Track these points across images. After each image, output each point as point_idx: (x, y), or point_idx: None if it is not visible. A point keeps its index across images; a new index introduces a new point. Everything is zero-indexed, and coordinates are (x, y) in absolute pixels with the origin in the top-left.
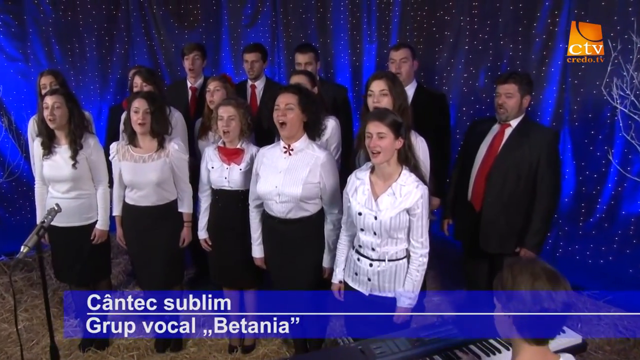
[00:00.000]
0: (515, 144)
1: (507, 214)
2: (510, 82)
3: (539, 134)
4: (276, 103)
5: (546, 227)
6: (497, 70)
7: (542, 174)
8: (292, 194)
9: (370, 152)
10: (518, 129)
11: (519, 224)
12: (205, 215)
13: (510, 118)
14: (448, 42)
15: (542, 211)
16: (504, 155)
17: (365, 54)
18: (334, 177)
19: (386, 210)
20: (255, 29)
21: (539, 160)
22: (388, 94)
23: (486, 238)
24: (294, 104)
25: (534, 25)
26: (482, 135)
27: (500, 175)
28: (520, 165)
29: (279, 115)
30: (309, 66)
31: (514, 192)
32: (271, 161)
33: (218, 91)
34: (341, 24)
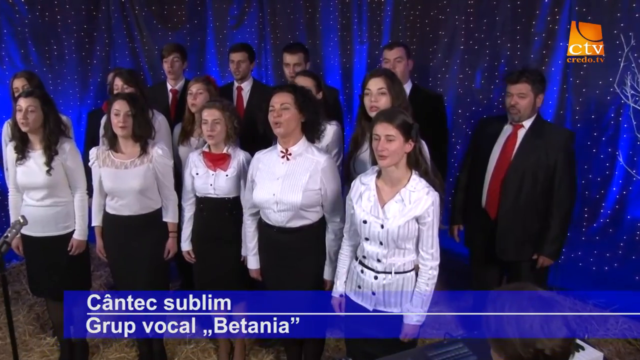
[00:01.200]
0: (531, 146)
1: (523, 220)
2: (522, 82)
3: (554, 134)
4: (271, 104)
5: (565, 233)
6: (494, 71)
7: (560, 177)
8: (291, 202)
9: (377, 155)
10: (532, 130)
11: (535, 229)
12: (189, 225)
13: (523, 119)
14: (442, 42)
15: (560, 216)
16: (520, 159)
17: (356, 55)
18: (335, 182)
19: (394, 218)
20: (241, 30)
21: (556, 162)
22: (387, 93)
23: (503, 246)
24: (290, 103)
25: (533, 24)
26: (493, 137)
27: (516, 179)
28: (536, 168)
29: (275, 116)
30: (298, 67)
31: (531, 196)
32: (268, 167)
33: (201, 94)
34: (331, 25)
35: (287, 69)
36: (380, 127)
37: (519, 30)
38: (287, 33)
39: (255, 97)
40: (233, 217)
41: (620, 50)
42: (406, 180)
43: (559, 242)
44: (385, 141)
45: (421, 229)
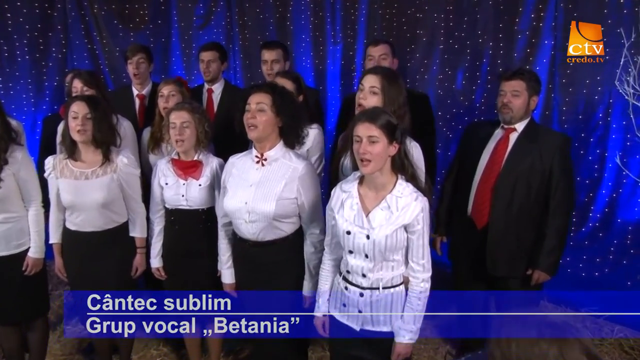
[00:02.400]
0: (524, 150)
1: (516, 231)
2: (517, 79)
3: (549, 138)
4: (247, 102)
5: (562, 243)
6: (476, 71)
7: (555, 183)
8: (263, 211)
9: (359, 159)
10: (525, 134)
11: (529, 241)
12: (159, 240)
13: (515, 120)
14: (421, 42)
15: (556, 226)
16: (512, 164)
17: (329, 56)
18: (314, 191)
19: (380, 227)
20: (208, 30)
21: (551, 168)
22: (378, 94)
23: (493, 259)
24: (267, 104)
25: (516, 21)
26: (482, 142)
27: (508, 186)
28: (530, 174)
29: (249, 118)
30: (277, 64)
31: (524, 205)
32: (241, 172)
33: (174, 96)
34: (302, 24)
35: (265, 67)
36: (361, 128)
37: (502, 28)
38: (256, 33)
39: (226, 99)
40: (207, 230)
41: (608, 48)
42: (391, 186)
43: (556, 254)
44: (367, 143)
45: (410, 239)
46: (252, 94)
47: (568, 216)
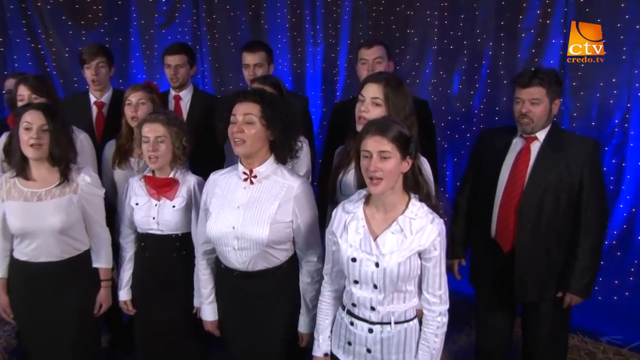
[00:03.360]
0: (549, 161)
1: (546, 251)
2: (535, 85)
3: (577, 146)
4: (233, 113)
5: (596, 263)
6: (475, 74)
7: (587, 196)
8: (255, 237)
9: (368, 177)
10: (549, 142)
11: (560, 261)
12: (129, 268)
13: (537, 129)
14: (412, 42)
15: (590, 244)
16: (537, 178)
17: (309, 58)
18: (311, 213)
19: (391, 253)
20: (172, 29)
21: (581, 180)
22: (382, 105)
23: (523, 285)
24: (256, 116)
25: (520, 18)
26: (499, 153)
27: (534, 203)
28: (558, 188)
29: (236, 132)
30: (260, 69)
31: (553, 222)
32: (226, 192)
33: (143, 104)
34: (278, 23)
35: (247, 71)
36: (371, 142)
37: (504, 26)
38: (226, 33)
39: (197, 107)
40: (182, 258)
41: (625, 47)
42: (403, 206)
43: (590, 274)
44: (378, 159)
45: (426, 266)
46: (237, 103)
47: (602, 233)
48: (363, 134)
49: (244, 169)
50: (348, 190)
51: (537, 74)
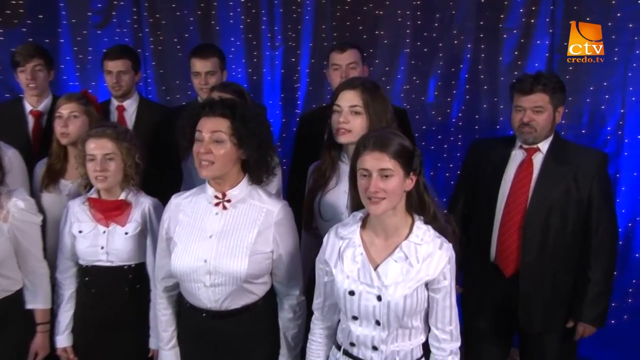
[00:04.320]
0: (554, 175)
1: (553, 275)
2: (538, 91)
3: (583, 158)
4: (198, 129)
5: (610, 287)
6: (452, 79)
7: (597, 213)
8: (232, 271)
9: (368, 197)
10: (553, 154)
11: (569, 286)
12: (69, 309)
13: (539, 140)
14: (382, 45)
15: (602, 267)
16: (541, 194)
17: (266, 63)
18: (293, 241)
19: (395, 285)
20: (109, 30)
21: (589, 195)
22: (362, 113)
23: (528, 314)
24: (225, 133)
25: (501, 17)
26: (497, 167)
27: (539, 222)
28: (565, 204)
29: (202, 153)
30: (212, 77)
31: (560, 243)
32: (194, 219)
33: (76, 118)
34: (231, 24)
35: (197, 80)
36: (370, 159)
37: (483, 26)
38: (172, 35)
39: (144, 119)
40: (136, 293)
41: (617, 47)
42: (407, 230)
43: (605, 301)
44: (379, 178)
45: (434, 298)
46: (203, 118)
47: (614, 253)
48: (359, 150)
49: (214, 192)
50: (329, 213)
51: (540, 79)
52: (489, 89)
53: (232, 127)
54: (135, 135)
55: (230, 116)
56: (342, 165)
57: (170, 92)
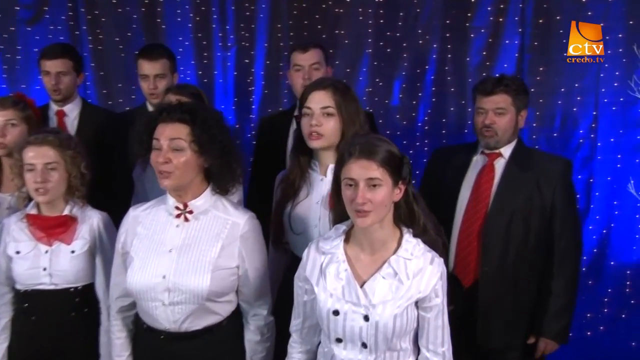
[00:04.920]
0: (516, 181)
1: (514, 287)
2: (500, 92)
3: (546, 164)
4: (156, 137)
5: (573, 301)
6: (417, 81)
7: (560, 222)
8: (193, 288)
9: (355, 210)
10: (515, 159)
11: (531, 299)
12: (2, 342)
13: (501, 144)
14: (343, 45)
15: (565, 278)
16: (502, 200)
17: (218, 65)
18: (261, 256)
19: (384, 304)
20: (41, 27)
21: (553, 203)
22: (335, 114)
23: (487, 329)
24: (185, 140)
25: (468, 16)
26: (458, 172)
27: (500, 229)
28: (528, 212)
29: (161, 162)
30: (162, 80)
31: (522, 252)
32: (152, 232)
33: (14, 126)
34: (179, 23)
35: (145, 83)
36: (356, 168)
37: (450, 25)
38: (113, 33)
39: (88, 125)
40: (84, 320)
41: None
42: (394, 244)
43: (567, 316)
44: (366, 188)
45: (425, 317)
46: (161, 124)
47: (578, 265)
48: (344, 158)
49: (175, 203)
50: (300, 225)
51: (502, 81)
52: (456, 91)
53: (193, 133)
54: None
55: (190, 122)
56: (313, 173)
57: (112, 96)
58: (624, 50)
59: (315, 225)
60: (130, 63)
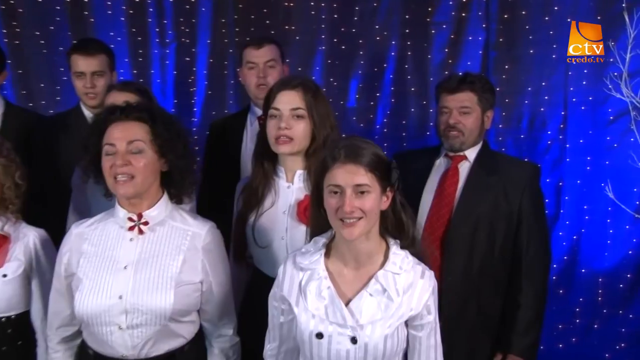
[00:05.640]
0: (482, 185)
1: (478, 299)
2: (464, 90)
3: (514, 169)
4: (109, 140)
5: (541, 314)
6: (375, 81)
7: (527, 230)
8: (155, 307)
9: (340, 220)
10: (480, 163)
11: (496, 313)
12: None
13: (466, 146)
14: (293, 42)
15: (534, 290)
16: (467, 205)
17: (155, 63)
18: (225, 269)
19: (372, 324)
20: None
21: (520, 209)
22: (305, 116)
23: (449, 343)
24: (144, 141)
25: (429, 11)
26: (420, 177)
27: (464, 236)
28: (493, 219)
29: (119, 165)
30: (100, 79)
31: (487, 262)
32: (102, 248)
33: None
34: (110, 16)
35: (81, 82)
36: (342, 173)
37: (410, 20)
38: (33, 27)
39: (11, 129)
40: (17, 352)
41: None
42: (381, 257)
43: (535, 330)
44: (354, 196)
45: (416, 337)
46: (114, 124)
47: (546, 275)
48: (327, 164)
49: (127, 214)
50: (266, 238)
51: (467, 78)
52: (417, 91)
53: (152, 132)
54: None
55: (149, 120)
56: (279, 180)
57: (33, 98)
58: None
59: (282, 237)
60: (54, 60)
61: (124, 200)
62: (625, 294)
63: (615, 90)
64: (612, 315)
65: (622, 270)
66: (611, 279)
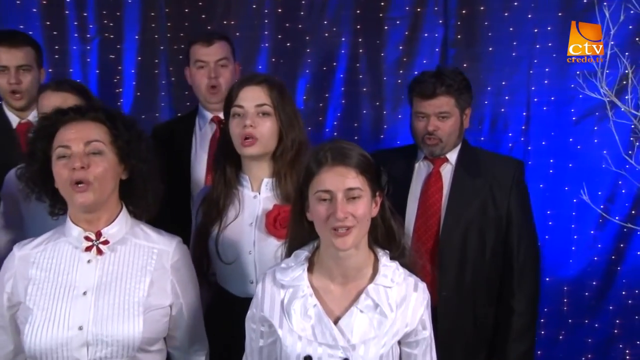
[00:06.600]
0: (467, 189)
1: (473, 309)
2: (441, 94)
3: (498, 167)
4: (63, 142)
5: (534, 319)
6: (324, 80)
7: (517, 232)
8: (122, 337)
9: (330, 229)
10: (463, 164)
11: (490, 320)
12: None
13: (447, 150)
14: (233, 38)
15: (527, 295)
16: (454, 212)
17: (75, 61)
18: (194, 288)
19: (365, 343)
20: None
21: (508, 211)
22: (272, 114)
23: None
24: (103, 142)
25: (382, 5)
26: (399, 183)
27: (456, 246)
28: (483, 223)
29: (77, 170)
30: (26, 74)
31: (479, 269)
32: (54, 273)
33: None
34: (19, 6)
35: (4, 77)
36: (332, 177)
37: (362, 15)
38: None
39: None
40: None
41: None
42: (370, 269)
43: (530, 336)
44: (345, 201)
45: (410, 354)
46: (67, 125)
47: (538, 276)
48: (312, 169)
49: (83, 232)
50: (232, 253)
51: (444, 80)
52: (370, 91)
53: (112, 133)
54: None
55: (107, 120)
56: (243, 190)
57: None
58: (553, 44)
59: (250, 251)
60: None
61: (78, 215)
62: (590, 303)
63: (590, 89)
64: (578, 325)
65: (587, 277)
66: (576, 287)
